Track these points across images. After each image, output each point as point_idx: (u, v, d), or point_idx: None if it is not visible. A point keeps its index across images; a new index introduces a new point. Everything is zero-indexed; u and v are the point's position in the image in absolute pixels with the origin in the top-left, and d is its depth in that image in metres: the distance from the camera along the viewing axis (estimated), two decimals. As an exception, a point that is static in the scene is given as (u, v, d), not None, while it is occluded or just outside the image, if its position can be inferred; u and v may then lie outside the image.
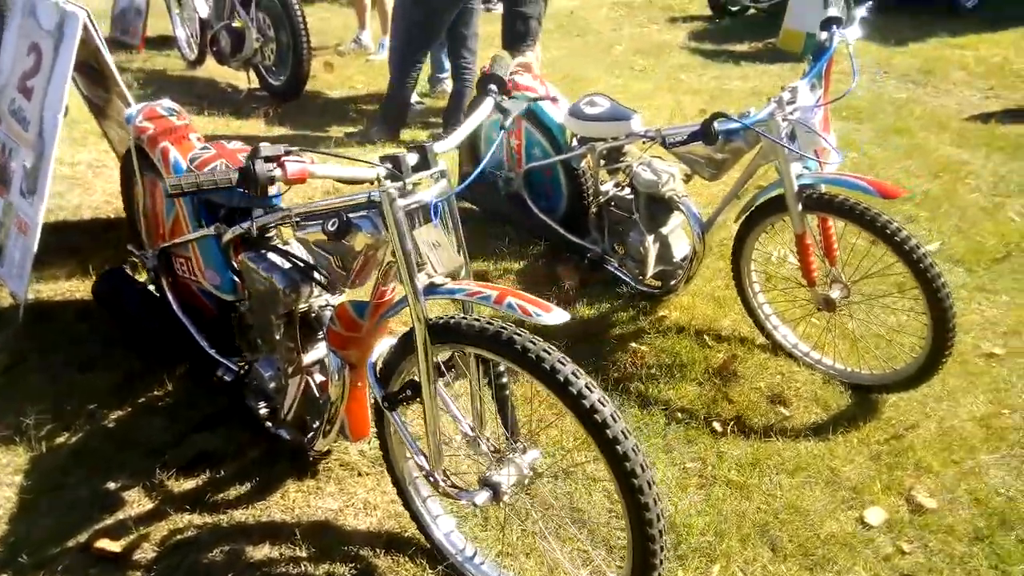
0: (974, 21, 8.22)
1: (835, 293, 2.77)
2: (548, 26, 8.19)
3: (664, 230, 3.16)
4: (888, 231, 2.47)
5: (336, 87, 6.02)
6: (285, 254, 2.08)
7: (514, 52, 4.95)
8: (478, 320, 1.67)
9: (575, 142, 3.30)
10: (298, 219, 1.87)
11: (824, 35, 2.71)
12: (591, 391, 1.56)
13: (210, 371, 2.42)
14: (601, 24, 8.80)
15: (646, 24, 8.85)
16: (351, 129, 4.95)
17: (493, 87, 1.90)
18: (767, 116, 2.53)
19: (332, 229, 1.72)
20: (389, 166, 1.61)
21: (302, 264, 2.04)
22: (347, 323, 1.90)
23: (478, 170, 1.81)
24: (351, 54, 6.80)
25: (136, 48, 6.47)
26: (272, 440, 2.33)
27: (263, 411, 2.24)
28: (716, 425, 2.63)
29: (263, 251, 2.10)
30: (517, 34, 4.80)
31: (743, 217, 2.87)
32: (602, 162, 3.22)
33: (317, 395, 2.20)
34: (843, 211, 2.54)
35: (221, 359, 2.43)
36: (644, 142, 3.00)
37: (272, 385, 2.22)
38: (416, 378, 1.76)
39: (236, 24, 5.30)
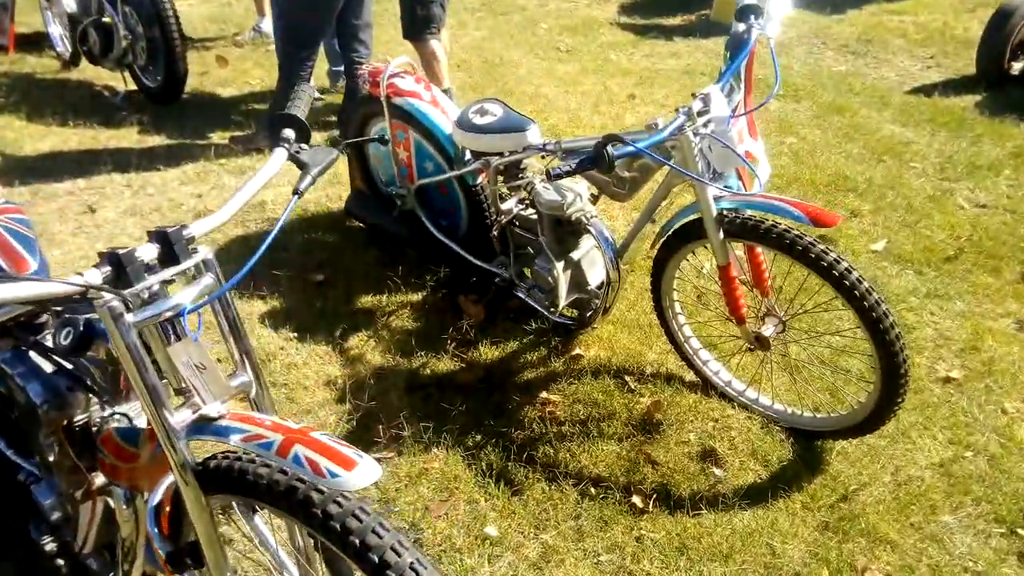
0: (912, -17, 7.89)
1: (768, 330, 2.36)
2: (472, 4, 7.67)
3: (575, 255, 2.71)
4: (824, 264, 2.06)
5: (229, 84, 5.43)
6: (50, 358, 1.58)
7: (415, 41, 4.43)
8: (270, 464, 1.20)
9: (468, 154, 2.83)
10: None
11: (741, 27, 2.27)
12: None
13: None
14: (527, 0, 8.26)
15: (574, -2, 8.34)
16: (238, 133, 4.39)
17: (288, 134, 1.42)
18: (675, 132, 2.08)
19: (65, 343, 1.23)
20: (108, 270, 1.13)
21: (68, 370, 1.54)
22: (116, 452, 1.42)
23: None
24: (250, 45, 6.18)
25: (5, 48, 5.76)
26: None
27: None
28: (637, 500, 2.21)
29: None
30: (418, 20, 4.27)
31: (659, 244, 2.44)
32: (499, 178, 2.75)
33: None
34: (770, 240, 2.12)
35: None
36: (543, 156, 2.54)
37: (58, 514, 1.73)
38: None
39: (106, 20, 4.68)
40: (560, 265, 2.68)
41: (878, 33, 6.74)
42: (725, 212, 2.21)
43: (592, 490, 2.23)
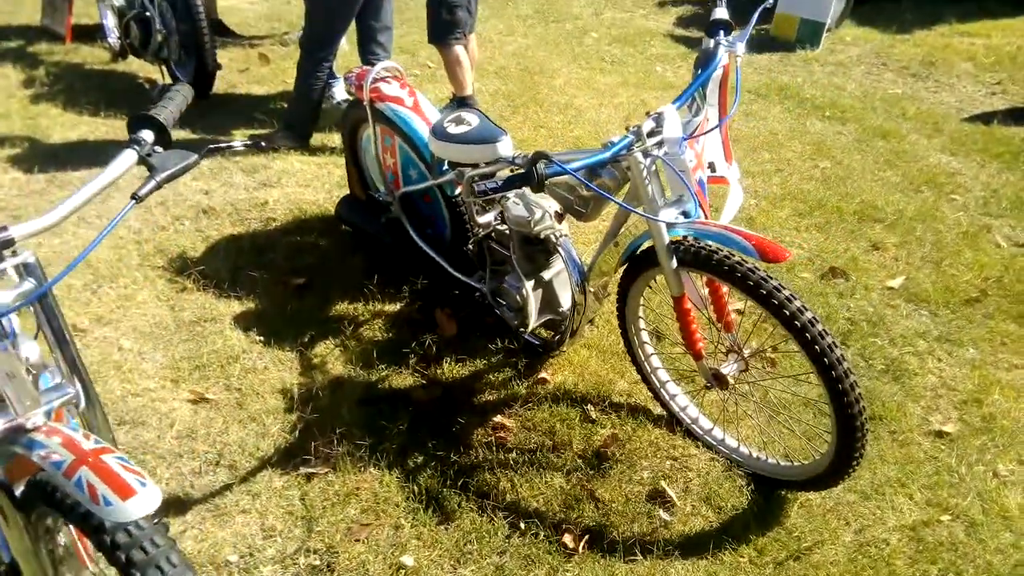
0: (988, 4, 7.45)
1: (728, 367, 2.21)
2: (525, 11, 7.61)
3: (546, 274, 2.61)
4: (774, 301, 1.91)
5: (266, 82, 5.50)
6: None
7: (440, 45, 4.40)
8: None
9: (447, 164, 2.76)
10: None
11: (710, 43, 2.13)
12: None
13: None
14: (582, 9, 8.16)
15: (631, 9, 8.19)
16: (258, 132, 4.43)
17: (143, 135, 1.38)
18: (619, 152, 1.96)
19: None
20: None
21: None
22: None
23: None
24: (295, 44, 6.25)
25: (63, 38, 5.99)
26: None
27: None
28: (568, 539, 2.09)
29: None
30: (443, 24, 4.24)
31: (620, 270, 2.32)
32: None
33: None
34: (721, 271, 1.98)
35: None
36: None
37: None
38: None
39: (147, 14, 4.81)
40: (530, 284, 2.58)
41: (944, 55, 6.39)
42: (678, 240, 2.07)
43: (523, 525, 2.12)
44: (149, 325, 2.82)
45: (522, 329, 2.67)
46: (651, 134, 1.98)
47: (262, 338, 2.79)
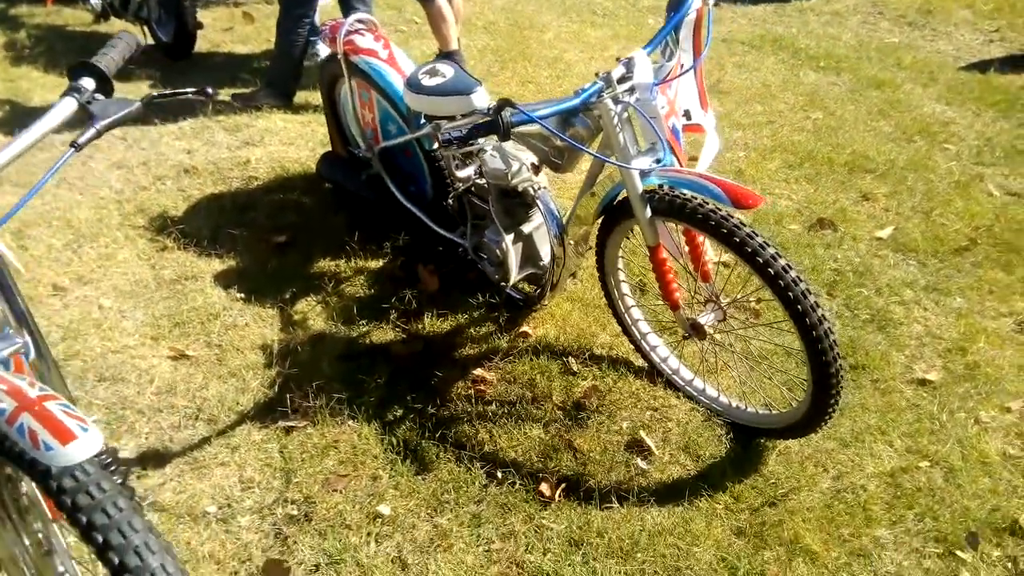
0: (990, -50, 7.28)
1: (706, 318, 2.19)
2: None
3: (526, 228, 2.59)
4: (748, 249, 1.89)
5: (249, 40, 5.42)
6: None
7: (423, 1, 4.32)
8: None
9: (424, 118, 2.72)
10: None
11: (682, -14, 2.08)
12: None
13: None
14: (576, -39, 7.99)
15: (626, -40, 8.02)
16: (241, 91, 4.37)
17: (84, 82, 1.35)
18: (589, 99, 1.93)
19: None
20: None
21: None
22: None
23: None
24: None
25: (44, 1, 5.89)
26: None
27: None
28: (545, 488, 2.10)
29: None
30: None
31: (598, 221, 2.30)
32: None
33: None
34: (695, 220, 1.96)
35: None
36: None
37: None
38: None
39: (127, -26, 4.73)
40: (509, 238, 2.56)
41: (942, 3, 6.28)
42: (652, 189, 2.04)
43: (500, 474, 2.13)
44: (129, 284, 2.81)
45: (503, 283, 2.65)
46: (621, 80, 1.94)
47: (243, 295, 2.78)
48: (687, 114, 2.31)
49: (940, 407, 2.40)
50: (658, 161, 2.03)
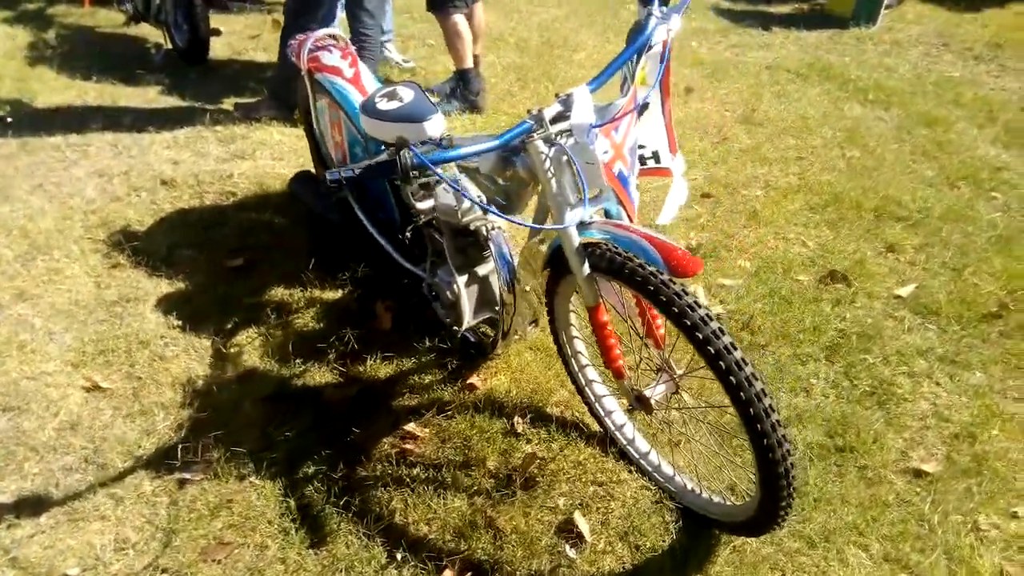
0: (1073, -20, 6.74)
1: (654, 390, 1.91)
2: (564, -21, 7.24)
3: (481, 270, 2.34)
4: (687, 322, 1.60)
5: (271, 48, 5.32)
6: None
7: (438, 14, 4.14)
8: None
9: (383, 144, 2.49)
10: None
11: (644, 13, 1.81)
12: None
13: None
14: (625, -22, 7.73)
15: (677, -21, 7.70)
16: (244, 100, 4.25)
17: None
18: (511, 140, 1.67)
19: None
20: None
21: None
22: None
23: None
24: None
25: (83, 1, 5.94)
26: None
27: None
28: (448, 574, 1.84)
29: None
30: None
31: (544, 271, 2.04)
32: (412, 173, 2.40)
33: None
34: (633, 282, 1.68)
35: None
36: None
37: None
38: None
39: (148, -23, 4.68)
40: (462, 279, 2.31)
41: (1014, 36, 5.81)
42: (593, 242, 1.78)
43: (400, 555, 1.88)
44: (68, 303, 2.67)
45: (455, 327, 2.41)
46: (556, 119, 1.68)
47: (180, 323, 2.60)
48: (655, 156, 2.04)
49: (933, 506, 2.05)
50: (607, 213, 1.76)
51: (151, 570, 1.83)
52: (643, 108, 1.91)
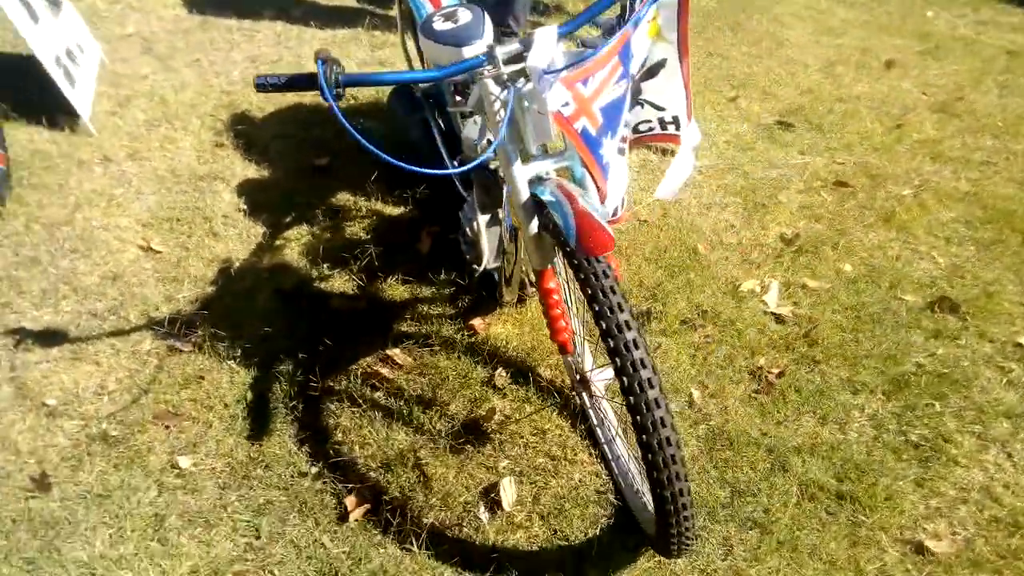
0: None
1: (598, 373, 1.76)
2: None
3: (501, 213, 2.26)
4: (595, 307, 1.44)
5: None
6: None
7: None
8: None
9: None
10: None
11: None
12: None
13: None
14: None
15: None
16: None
17: None
18: (454, 73, 1.55)
19: None
20: None
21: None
22: None
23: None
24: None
25: None
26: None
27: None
28: (349, 501, 1.86)
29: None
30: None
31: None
32: (456, 99, 2.35)
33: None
34: (564, 251, 1.53)
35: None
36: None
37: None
38: None
39: None
40: (483, 219, 2.24)
41: None
42: (543, 201, 1.63)
43: (316, 469, 1.92)
44: (166, 170, 2.93)
45: (475, 266, 2.35)
46: (512, 60, 1.53)
47: (247, 208, 2.77)
48: (675, 121, 1.82)
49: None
50: (573, 177, 1.61)
51: (111, 419, 2.01)
52: (656, 67, 1.70)
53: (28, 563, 1.72)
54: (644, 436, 1.40)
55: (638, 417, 1.40)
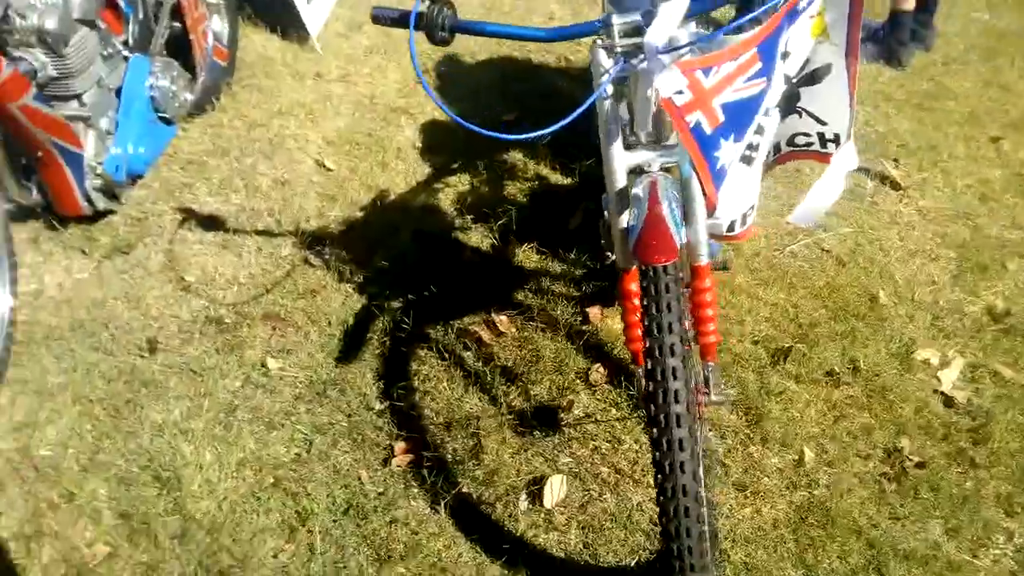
0: None
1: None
2: None
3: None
4: (648, 340, 1.29)
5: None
6: None
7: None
8: None
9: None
10: None
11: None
12: None
13: None
14: None
15: None
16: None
17: None
18: (564, 36, 1.42)
19: None
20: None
21: None
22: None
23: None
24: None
25: None
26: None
27: None
28: (399, 447, 1.86)
29: None
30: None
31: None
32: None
33: None
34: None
35: None
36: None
37: None
38: None
39: None
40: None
41: None
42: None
43: (380, 407, 1.93)
44: (366, 96, 3.07)
45: (608, 254, 2.23)
46: (629, 33, 1.37)
47: (423, 146, 2.85)
48: (836, 139, 1.58)
49: None
50: (681, 173, 1.45)
51: (230, 307, 2.17)
52: (820, 72, 1.47)
53: (115, 411, 1.90)
54: (660, 476, 1.24)
55: (657, 454, 1.24)
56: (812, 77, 1.51)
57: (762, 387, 2.08)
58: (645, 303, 1.30)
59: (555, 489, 1.80)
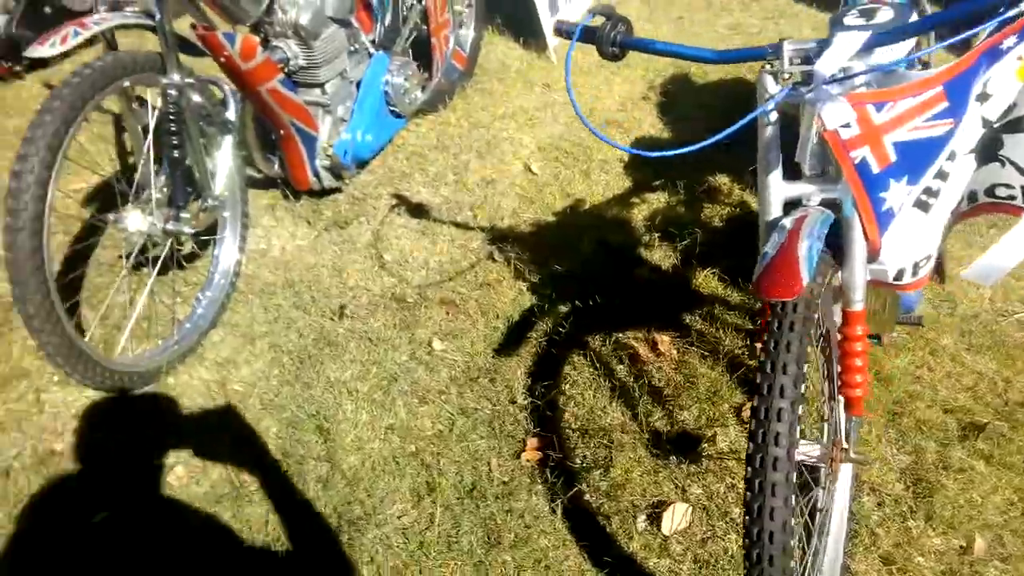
0: None
1: (804, 446, 1.51)
2: None
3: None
4: (763, 354, 1.25)
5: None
6: None
7: None
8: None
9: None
10: None
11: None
12: None
13: None
14: None
15: None
16: None
17: None
18: (734, 58, 1.38)
19: None
20: None
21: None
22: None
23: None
24: None
25: None
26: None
27: None
28: (532, 443, 1.92)
29: None
30: None
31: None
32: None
33: None
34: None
35: None
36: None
37: None
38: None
39: None
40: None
41: None
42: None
43: (523, 401, 2.00)
44: (585, 108, 3.16)
45: (791, 288, 2.14)
46: (801, 60, 1.32)
47: (626, 161, 2.88)
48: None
49: None
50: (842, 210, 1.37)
51: (415, 288, 2.36)
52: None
53: (299, 363, 2.15)
54: (747, 518, 1.19)
55: (748, 495, 1.19)
56: (1018, 124, 1.35)
57: (941, 460, 1.88)
58: (765, 339, 1.25)
59: (677, 516, 1.76)
